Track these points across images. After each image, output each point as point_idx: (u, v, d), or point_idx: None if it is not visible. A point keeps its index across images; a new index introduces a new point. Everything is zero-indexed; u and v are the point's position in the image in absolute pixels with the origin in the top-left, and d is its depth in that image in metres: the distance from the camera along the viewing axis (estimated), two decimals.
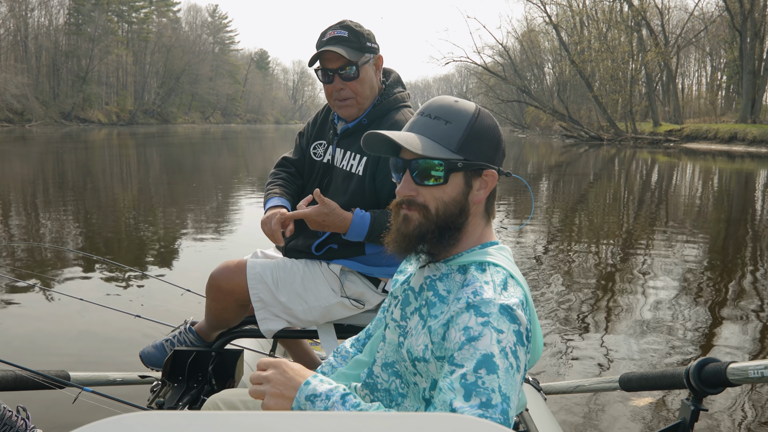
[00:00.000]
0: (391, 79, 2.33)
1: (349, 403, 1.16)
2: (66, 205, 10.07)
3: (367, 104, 2.25)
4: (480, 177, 1.26)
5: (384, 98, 2.27)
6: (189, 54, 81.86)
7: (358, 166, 2.22)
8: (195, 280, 3.49)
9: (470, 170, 1.26)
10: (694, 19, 45.93)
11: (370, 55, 2.21)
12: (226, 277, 2.23)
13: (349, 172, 2.24)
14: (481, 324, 1.11)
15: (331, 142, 2.34)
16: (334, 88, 2.20)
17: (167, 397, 2.18)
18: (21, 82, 55.99)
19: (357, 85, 2.19)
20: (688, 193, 14.36)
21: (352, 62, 2.14)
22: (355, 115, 2.26)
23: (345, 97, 2.21)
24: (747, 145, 29.80)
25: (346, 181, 2.24)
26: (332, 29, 2.18)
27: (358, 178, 2.21)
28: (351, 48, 2.15)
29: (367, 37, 2.20)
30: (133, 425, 0.67)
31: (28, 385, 2.25)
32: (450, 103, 1.28)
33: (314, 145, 2.40)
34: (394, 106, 2.26)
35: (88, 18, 68.82)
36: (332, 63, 2.17)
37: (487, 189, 1.28)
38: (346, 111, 2.25)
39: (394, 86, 2.31)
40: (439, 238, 1.25)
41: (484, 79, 54.22)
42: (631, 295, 5.34)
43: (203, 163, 21.13)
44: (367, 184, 2.19)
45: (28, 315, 4.53)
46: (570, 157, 27.12)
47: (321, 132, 2.42)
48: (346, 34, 2.16)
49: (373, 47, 2.21)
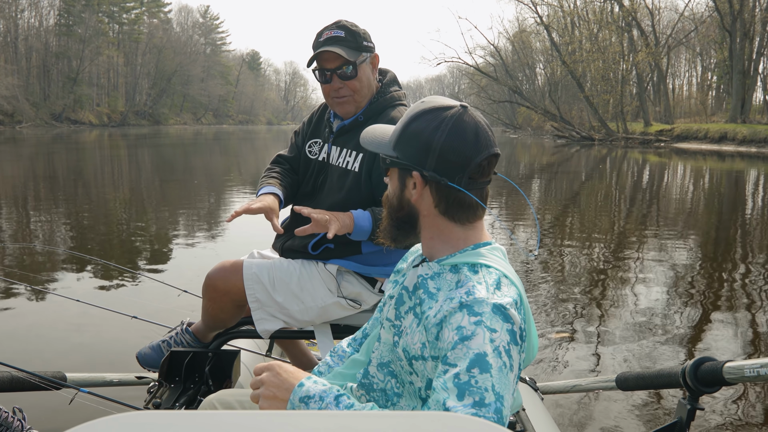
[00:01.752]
0: (388, 78, 2.35)
1: (343, 404, 1.16)
2: (59, 206, 10.02)
3: (364, 102, 2.26)
4: (410, 177, 1.28)
5: (380, 96, 2.28)
6: (180, 55, 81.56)
7: (354, 163, 2.23)
8: (191, 281, 3.50)
9: (402, 168, 1.30)
10: (685, 20, 46.21)
11: (367, 54, 2.22)
12: (223, 278, 2.23)
13: (345, 169, 2.25)
14: (474, 323, 1.11)
15: (326, 140, 2.35)
16: (332, 87, 2.21)
17: (164, 397, 2.18)
18: (11, 83, 55.58)
19: (355, 84, 2.20)
20: (679, 192, 14.44)
21: (350, 61, 2.16)
22: (353, 113, 2.27)
23: (343, 95, 2.22)
24: (737, 144, 29.99)
25: (342, 178, 2.25)
26: (329, 29, 2.19)
27: (354, 174, 2.22)
28: (348, 47, 2.16)
29: (363, 36, 2.21)
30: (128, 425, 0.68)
31: (25, 386, 2.25)
32: (424, 101, 1.31)
33: (309, 143, 2.41)
34: (390, 104, 2.28)
35: (79, 19, 68.45)
36: (330, 63, 2.18)
37: (418, 191, 1.28)
38: (343, 108, 2.26)
39: (390, 85, 2.33)
40: (397, 230, 1.34)
41: (475, 79, 54.37)
42: (625, 294, 5.36)
43: (196, 163, 21.07)
44: (363, 180, 2.20)
45: (24, 316, 4.51)
46: (561, 157, 27.20)
47: (316, 130, 2.43)
48: (342, 33, 2.17)
49: (369, 46, 2.22)
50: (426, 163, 1.25)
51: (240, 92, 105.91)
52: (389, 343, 1.32)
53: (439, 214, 1.29)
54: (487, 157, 1.26)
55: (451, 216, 1.28)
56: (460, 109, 1.27)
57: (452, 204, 1.27)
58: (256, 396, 1.24)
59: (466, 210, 1.28)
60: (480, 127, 1.26)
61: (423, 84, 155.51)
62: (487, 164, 1.27)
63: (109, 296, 4.98)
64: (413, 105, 1.32)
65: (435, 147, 1.24)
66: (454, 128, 1.24)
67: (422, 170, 1.26)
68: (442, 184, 1.25)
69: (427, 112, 1.27)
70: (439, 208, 1.28)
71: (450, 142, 1.24)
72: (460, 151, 1.24)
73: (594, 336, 4.27)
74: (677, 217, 10.09)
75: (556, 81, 52.21)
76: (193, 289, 3.02)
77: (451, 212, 1.28)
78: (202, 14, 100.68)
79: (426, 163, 1.25)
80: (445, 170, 1.25)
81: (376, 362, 1.35)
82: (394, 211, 1.33)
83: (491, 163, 1.28)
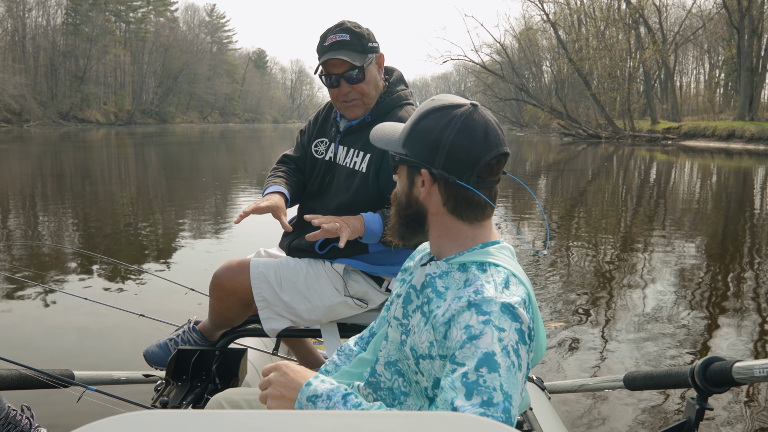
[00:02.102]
0: (394, 77, 2.34)
1: (351, 403, 1.16)
2: (67, 205, 10.06)
3: (372, 103, 2.26)
4: (419, 175, 1.28)
5: (387, 96, 2.27)
6: (187, 53, 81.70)
7: (361, 164, 2.22)
8: (199, 279, 3.50)
9: (410, 166, 1.29)
10: (692, 17, 45.96)
11: (373, 55, 2.21)
12: (230, 277, 2.23)
13: (353, 170, 2.24)
14: (482, 322, 1.11)
15: (333, 139, 2.34)
16: (341, 92, 2.21)
17: (171, 396, 2.19)
18: (19, 82, 55.87)
19: (363, 87, 2.19)
20: (687, 191, 14.37)
21: (357, 66, 2.15)
22: (362, 115, 2.26)
23: (352, 99, 2.22)
24: (745, 142, 29.82)
25: (350, 178, 2.24)
26: (333, 33, 2.17)
27: (361, 175, 2.21)
28: (354, 51, 2.15)
29: (368, 37, 2.19)
30: (136, 423, 0.68)
31: (33, 384, 2.26)
32: (434, 99, 1.31)
33: (316, 142, 2.40)
34: (397, 104, 2.27)
35: (86, 18, 68.64)
36: (337, 68, 2.17)
37: (426, 188, 1.27)
38: (353, 112, 2.25)
39: (396, 84, 2.32)
40: (405, 228, 1.34)
41: (482, 77, 54.23)
42: (633, 292, 5.34)
43: (203, 161, 21.12)
44: (371, 181, 2.19)
45: (32, 314, 4.54)
46: (568, 155, 27.12)
47: (323, 130, 2.42)
48: (347, 37, 2.15)
49: (374, 46, 2.21)
50: (435, 160, 1.25)
51: (246, 91, 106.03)
52: (396, 341, 1.32)
53: (448, 213, 1.28)
54: (496, 156, 1.25)
55: (460, 214, 1.28)
56: (470, 108, 1.26)
57: (461, 202, 1.26)
58: (264, 396, 1.24)
59: (475, 209, 1.27)
60: (490, 125, 1.25)
61: (429, 82, 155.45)
62: (496, 163, 1.26)
63: (116, 294, 5.00)
64: (423, 103, 1.32)
65: (444, 145, 1.24)
66: (463, 126, 1.23)
67: (431, 168, 1.25)
68: (451, 182, 1.25)
69: (437, 110, 1.26)
70: (448, 207, 1.27)
71: (459, 140, 1.23)
72: (469, 150, 1.23)
73: (601, 335, 4.26)
74: (684, 216, 10.04)
75: (562, 79, 52.01)
76: (200, 288, 3.02)
77: (460, 211, 1.27)
78: (209, 13, 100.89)
79: (435, 160, 1.25)
80: (454, 168, 1.24)
81: (384, 361, 1.35)
82: (402, 209, 1.33)
83: (500, 162, 1.27)
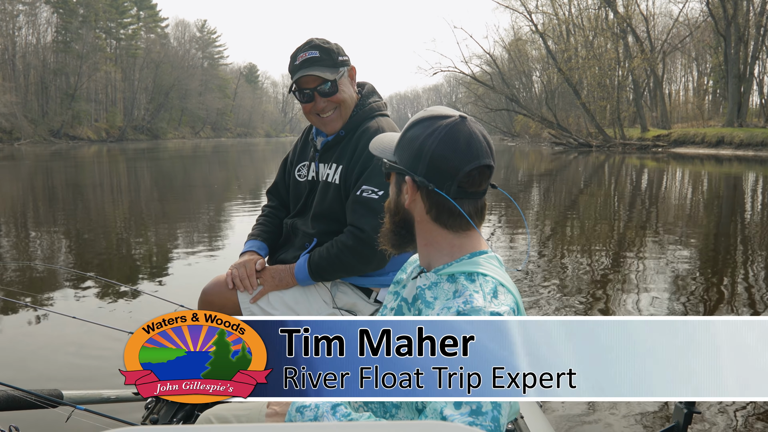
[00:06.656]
0: (366, 90, 2.37)
1: (340, 413, 1.16)
2: (58, 223, 10.02)
3: (348, 113, 2.28)
4: (405, 182, 1.30)
5: (359, 109, 2.30)
6: (178, 69, 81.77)
7: (334, 175, 2.26)
8: (187, 296, 3.48)
9: (398, 173, 1.32)
10: (679, 25, 46.38)
11: (344, 68, 2.24)
12: (218, 292, 2.24)
13: (327, 182, 2.29)
14: None
15: (313, 159, 2.37)
16: (316, 106, 2.23)
17: (161, 413, 2.17)
18: (9, 100, 55.71)
19: (338, 96, 2.22)
20: (678, 197, 14.45)
21: (329, 80, 2.18)
22: (339, 128, 2.29)
23: (328, 112, 2.24)
24: (734, 148, 30.07)
25: (325, 191, 2.29)
26: (302, 51, 2.21)
27: (334, 187, 2.25)
28: (325, 66, 2.18)
29: (337, 51, 2.23)
30: None
31: (21, 404, 2.23)
32: (427, 110, 1.33)
33: (298, 167, 2.44)
34: (368, 116, 2.30)
35: (76, 35, 68.63)
36: (309, 83, 2.20)
37: (410, 196, 1.29)
38: (331, 126, 2.28)
39: (368, 96, 2.35)
40: (394, 235, 1.36)
41: (472, 88, 54.47)
42: (625, 297, 5.36)
43: (195, 177, 21.09)
44: (342, 191, 2.23)
45: (20, 334, 4.50)
46: (560, 165, 27.24)
47: (303, 154, 2.46)
48: (317, 53, 2.19)
49: (344, 60, 2.25)
50: (418, 168, 1.27)
51: (238, 105, 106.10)
52: None
53: (431, 221, 1.30)
54: (477, 167, 1.25)
55: (443, 223, 1.29)
56: (457, 119, 1.27)
57: (442, 211, 1.28)
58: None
59: (457, 218, 1.28)
60: (474, 137, 1.26)
61: (420, 94, 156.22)
62: (477, 174, 1.26)
63: (107, 313, 4.96)
64: (417, 113, 1.35)
65: (426, 153, 1.26)
66: (446, 136, 1.25)
67: (414, 175, 1.27)
68: (431, 191, 1.26)
69: (425, 119, 1.29)
70: (431, 215, 1.29)
71: (441, 149, 1.25)
72: (449, 159, 1.25)
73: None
74: (676, 222, 10.09)
75: (552, 88, 52.31)
76: (190, 304, 3.00)
77: (443, 219, 1.28)
78: (199, 28, 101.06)
79: (418, 168, 1.27)
80: (435, 177, 1.26)
81: None
82: (391, 216, 1.36)
83: (483, 173, 1.27)
